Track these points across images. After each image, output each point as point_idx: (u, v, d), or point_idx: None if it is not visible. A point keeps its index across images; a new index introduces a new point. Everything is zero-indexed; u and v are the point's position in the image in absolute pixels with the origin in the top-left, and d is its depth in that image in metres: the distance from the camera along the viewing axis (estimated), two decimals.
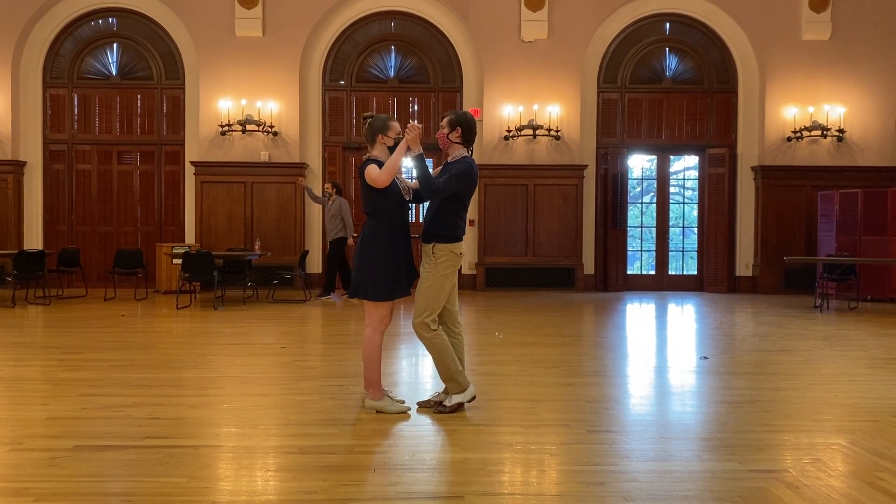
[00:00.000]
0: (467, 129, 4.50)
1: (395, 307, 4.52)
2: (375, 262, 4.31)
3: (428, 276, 4.41)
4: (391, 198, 4.34)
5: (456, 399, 4.41)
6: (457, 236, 4.45)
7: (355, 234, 10.51)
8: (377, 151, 4.39)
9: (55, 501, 3.03)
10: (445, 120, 4.55)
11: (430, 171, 4.45)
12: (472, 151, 4.59)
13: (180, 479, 3.28)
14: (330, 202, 10.88)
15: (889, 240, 11.10)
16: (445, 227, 4.42)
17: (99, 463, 3.51)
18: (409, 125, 4.32)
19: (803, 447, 3.84)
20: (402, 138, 4.37)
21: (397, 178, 4.36)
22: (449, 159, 4.54)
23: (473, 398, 4.48)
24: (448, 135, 4.51)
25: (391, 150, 4.36)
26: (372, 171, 4.25)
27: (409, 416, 4.35)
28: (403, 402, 4.51)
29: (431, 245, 4.42)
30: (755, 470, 3.44)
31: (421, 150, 4.32)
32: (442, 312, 4.49)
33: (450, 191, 4.36)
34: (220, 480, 3.35)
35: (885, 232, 11.14)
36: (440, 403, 4.45)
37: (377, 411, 4.37)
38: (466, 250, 12.53)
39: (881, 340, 7.46)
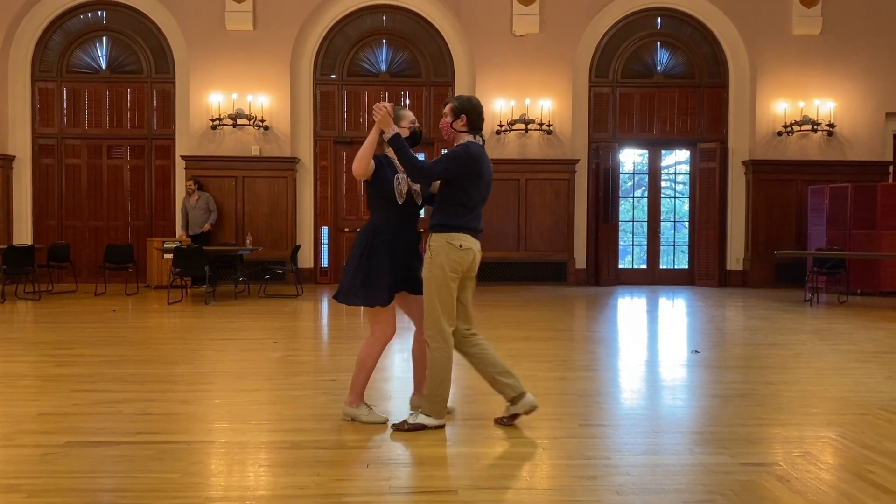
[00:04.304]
0: (473, 115, 3.99)
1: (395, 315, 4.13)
2: (353, 262, 4.05)
3: (425, 273, 3.96)
4: (383, 198, 4.03)
5: (423, 420, 3.95)
6: (454, 225, 3.92)
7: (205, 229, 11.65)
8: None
9: (47, 497, 3.02)
10: (448, 107, 4.03)
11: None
12: (483, 139, 4.08)
13: (173, 475, 3.27)
14: (195, 198, 11.69)
15: (878, 234, 11.17)
16: (440, 216, 3.96)
17: (91, 459, 3.50)
18: (375, 105, 3.91)
19: (793, 440, 3.87)
20: (417, 126, 4.10)
21: (396, 179, 4.00)
22: None
23: (440, 427, 3.98)
24: (452, 123, 4.02)
25: (408, 139, 3.98)
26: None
27: (386, 426, 4.08)
28: (386, 419, 4.16)
29: (430, 236, 3.99)
30: (746, 463, 3.47)
31: (396, 130, 3.89)
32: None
33: (439, 173, 3.92)
34: (213, 476, 3.35)
35: (874, 226, 11.21)
36: (505, 417, 4.06)
37: (351, 418, 4.12)
38: None
39: (870, 334, 7.52)
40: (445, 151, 4.07)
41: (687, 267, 13.17)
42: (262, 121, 12.17)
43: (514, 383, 3.99)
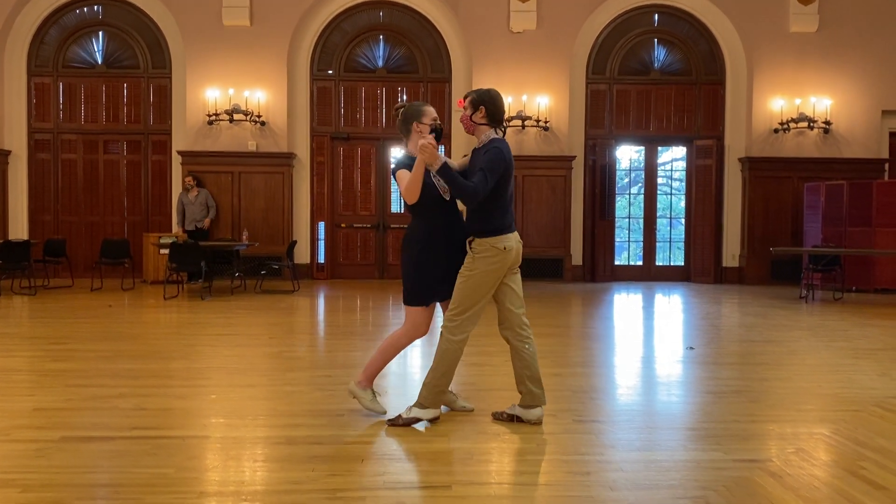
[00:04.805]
0: (492, 106, 3.99)
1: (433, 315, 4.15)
2: (409, 264, 4.04)
3: (464, 271, 3.96)
4: (428, 199, 3.97)
5: (417, 412, 3.99)
6: (496, 228, 3.93)
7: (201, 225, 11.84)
8: (412, 144, 4.01)
9: (42, 492, 3.02)
10: (467, 100, 4.06)
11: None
12: (503, 131, 4.09)
13: (168, 470, 3.28)
14: (194, 194, 11.78)
15: (874, 231, 11.20)
16: (481, 220, 3.94)
17: (86, 454, 3.50)
18: (420, 144, 3.76)
19: (787, 437, 3.88)
20: (438, 123, 4.06)
21: (434, 178, 3.96)
22: (477, 144, 4.06)
23: (435, 419, 4.03)
24: (472, 117, 4.02)
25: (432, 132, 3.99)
26: (400, 182, 3.95)
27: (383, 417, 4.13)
28: (385, 411, 4.17)
29: (469, 239, 4.00)
30: (739, 459, 3.48)
31: (443, 161, 3.80)
32: (506, 315, 4.10)
33: (488, 188, 3.84)
34: (208, 471, 3.35)
35: (869, 223, 11.24)
36: (505, 414, 4.10)
37: (353, 396, 4.17)
38: None
39: (864, 331, 7.54)
40: (476, 150, 4.06)
41: (683, 263, 13.20)
42: (259, 116, 12.15)
43: (538, 393, 4.03)
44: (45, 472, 3.26)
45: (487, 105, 3.99)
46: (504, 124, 4.13)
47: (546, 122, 12.28)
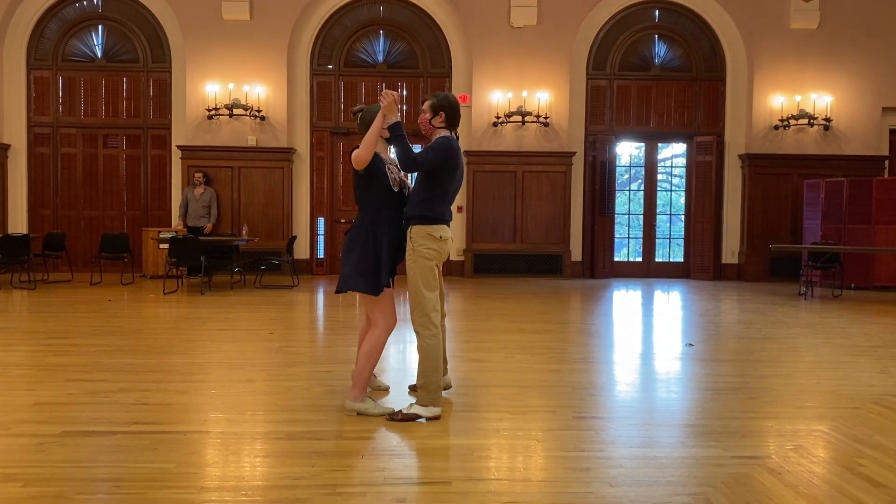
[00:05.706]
0: (451, 113, 4.15)
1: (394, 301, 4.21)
2: (357, 255, 4.06)
3: (410, 264, 4.04)
4: (377, 188, 4.07)
5: (417, 410, 4.01)
6: (434, 217, 4.04)
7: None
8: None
9: (43, 487, 3.02)
10: (427, 104, 4.17)
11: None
12: (457, 136, 4.25)
13: (168, 465, 3.29)
14: (200, 191, 11.70)
15: (873, 228, 11.20)
16: (420, 208, 4.04)
17: (87, 449, 3.51)
18: (383, 92, 3.96)
19: (786, 434, 3.89)
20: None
21: (388, 169, 4.09)
22: (430, 144, 4.16)
23: (436, 418, 4.02)
24: (430, 120, 4.16)
25: (389, 141, 4.07)
26: (354, 153, 4.03)
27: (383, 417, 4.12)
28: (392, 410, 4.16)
29: (409, 228, 4.08)
30: (738, 456, 3.49)
31: (397, 119, 3.99)
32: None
33: (430, 164, 3.99)
34: (209, 466, 3.36)
35: (869, 220, 11.24)
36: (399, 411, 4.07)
37: (356, 413, 4.07)
38: (455, 236, 12.61)
39: (864, 328, 7.55)
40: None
41: (682, 260, 13.21)
42: (259, 111, 12.14)
43: (436, 397, 4.05)
44: (46, 466, 3.26)
45: (447, 111, 4.15)
46: (456, 130, 4.25)
47: (546, 118, 12.28)
